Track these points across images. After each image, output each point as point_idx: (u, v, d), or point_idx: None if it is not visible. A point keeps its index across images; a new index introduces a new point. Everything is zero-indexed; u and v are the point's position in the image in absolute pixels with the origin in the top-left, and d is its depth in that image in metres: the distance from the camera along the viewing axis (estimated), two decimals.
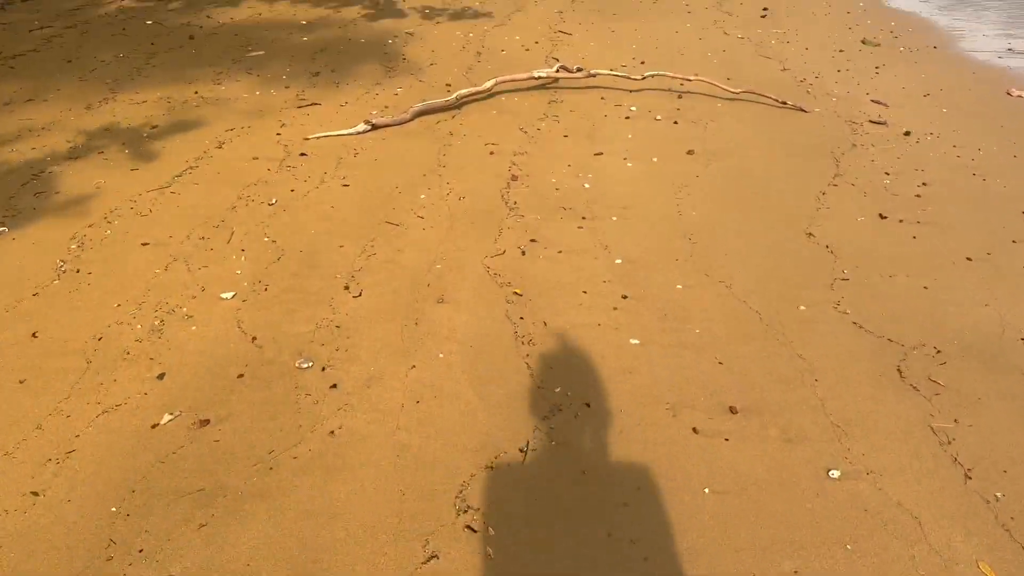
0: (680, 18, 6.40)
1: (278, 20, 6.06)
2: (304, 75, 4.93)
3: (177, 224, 3.16)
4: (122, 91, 4.54)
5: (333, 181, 3.56)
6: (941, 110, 4.35)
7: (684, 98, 4.64)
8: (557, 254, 3.00)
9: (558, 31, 6.04)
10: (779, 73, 5.02)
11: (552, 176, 3.67)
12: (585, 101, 4.63)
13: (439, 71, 5.11)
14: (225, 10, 6.24)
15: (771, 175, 3.64)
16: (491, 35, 5.94)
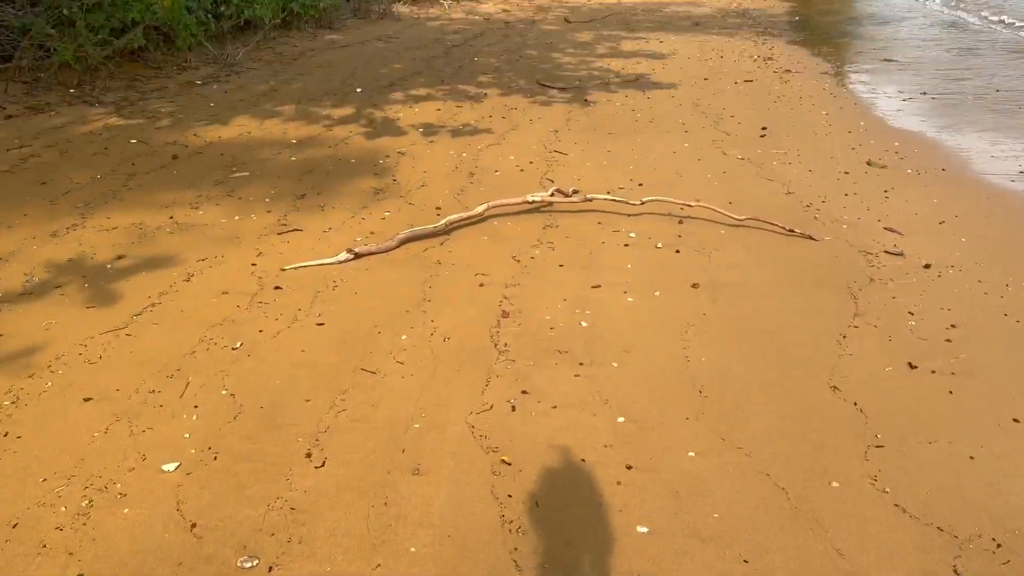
0: (677, 137, 6.29)
1: (268, 139, 5.94)
2: (288, 198, 4.72)
3: (127, 374, 2.84)
4: (93, 216, 4.31)
5: (307, 319, 3.26)
6: (959, 239, 4.11)
7: (685, 223, 4.42)
8: (551, 409, 2.67)
9: (553, 151, 5.91)
10: (783, 197, 4.82)
11: (546, 312, 3.38)
12: (581, 226, 4.40)
13: (429, 193, 4.91)
14: (214, 128, 6.12)
15: (785, 314, 3.35)
16: (485, 154, 5.79)
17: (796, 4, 16.05)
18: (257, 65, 8.74)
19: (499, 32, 12.29)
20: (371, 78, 8.42)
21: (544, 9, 15.47)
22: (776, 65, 9.36)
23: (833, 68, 9.29)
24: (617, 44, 11.22)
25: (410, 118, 6.82)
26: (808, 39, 11.69)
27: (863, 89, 8.08)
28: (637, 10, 15.29)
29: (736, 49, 10.60)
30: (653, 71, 9.17)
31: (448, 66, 9.35)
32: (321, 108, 6.96)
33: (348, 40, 10.82)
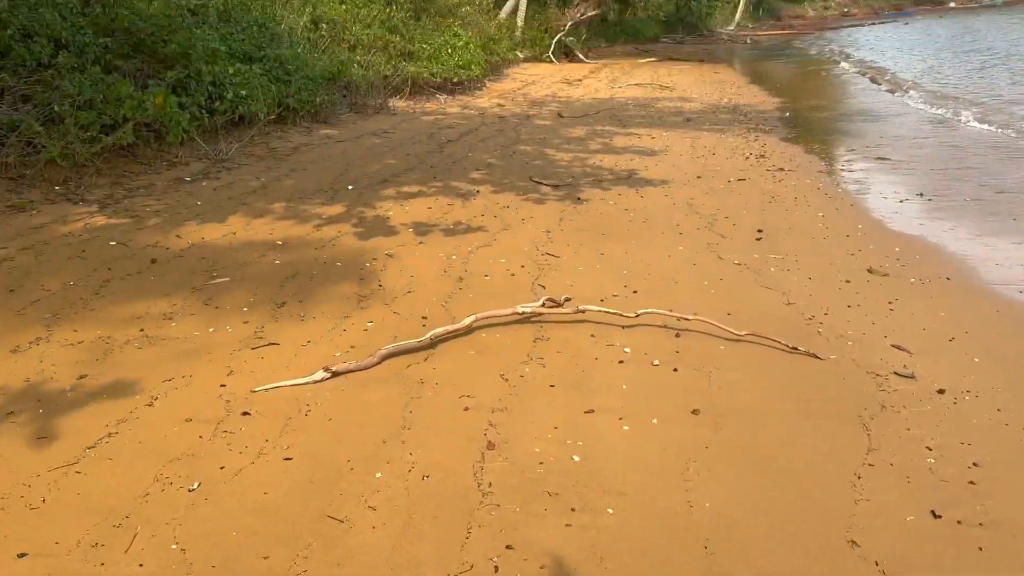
0: (672, 239, 6.16)
1: (253, 240, 5.78)
2: (267, 306, 4.51)
3: (71, 522, 2.55)
4: (59, 329, 4.09)
5: (274, 452, 3.00)
6: (972, 359, 3.90)
7: (683, 337, 4.21)
8: (539, 570, 2.39)
9: (545, 253, 5.76)
10: (783, 308, 4.64)
11: (535, 443, 3.12)
12: (574, 339, 4.19)
13: (416, 300, 4.71)
14: (198, 228, 5.98)
15: (793, 448, 3.10)
16: (476, 257, 5.64)
17: (785, 100, 16.37)
18: (250, 160, 8.70)
19: (494, 127, 12.41)
20: (364, 174, 8.37)
21: (538, 104, 15.73)
22: (769, 163, 9.37)
23: (826, 167, 9.30)
24: (610, 140, 11.30)
25: (401, 216, 6.71)
26: (799, 136, 11.81)
27: (858, 189, 8.04)
28: (629, 106, 15.55)
29: (728, 146, 10.66)
30: (646, 168, 9.17)
31: (442, 162, 9.34)
32: (311, 206, 6.86)
33: (343, 135, 10.88)
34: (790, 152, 10.19)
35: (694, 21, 44.42)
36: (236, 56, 10.41)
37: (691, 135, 11.69)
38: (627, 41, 36.90)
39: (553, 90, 18.52)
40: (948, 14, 65.67)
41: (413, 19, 17.51)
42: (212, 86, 9.43)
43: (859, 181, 8.45)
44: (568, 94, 17.77)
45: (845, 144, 11.14)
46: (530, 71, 22.99)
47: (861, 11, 76.85)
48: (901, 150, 10.35)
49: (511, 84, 19.68)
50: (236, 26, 10.96)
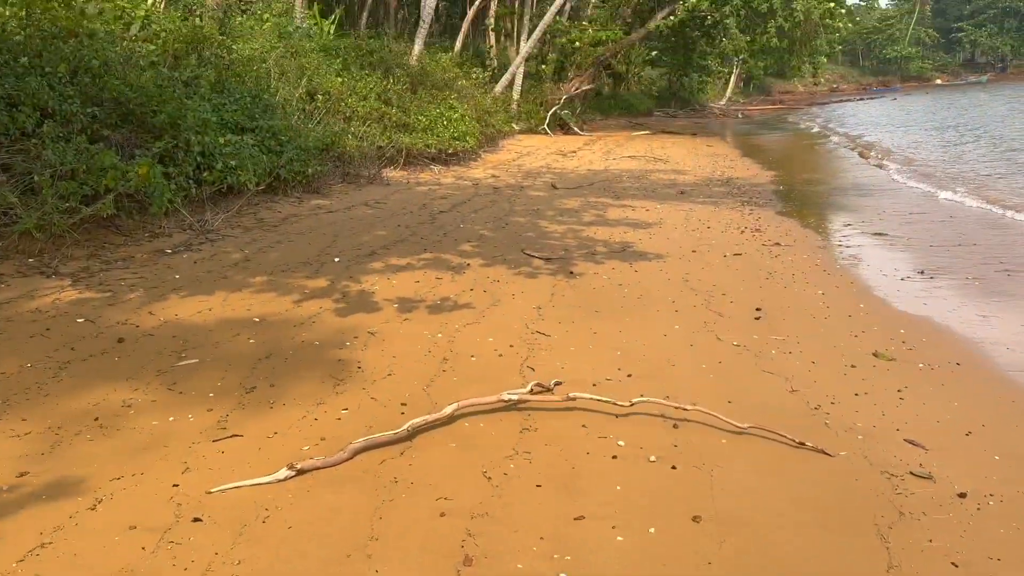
0: (668, 317, 5.92)
1: (229, 317, 5.52)
2: (236, 392, 4.22)
3: None
4: (7, 416, 3.78)
5: (223, 569, 2.67)
6: (992, 456, 3.61)
7: (682, 429, 3.92)
8: None
9: (536, 331, 5.50)
10: (787, 396, 4.36)
11: (518, 557, 2.80)
12: (564, 430, 3.90)
13: (396, 384, 4.43)
14: (173, 304, 5.72)
15: (807, 564, 2.78)
16: (463, 335, 5.37)
17: (779, 174, 16.42)
18: (236, 232, 8.52)
19: (487, 198, 12.32)
20: (352, 246, 8.18)
21: (532, 175, 15.73)
22: (765, 237, 9.22)
23: (823, 242, 9.16)
24: (603, 212, 11.19)
25: (387, 291, 6.47)
26: (794, 210, 11.73)
27: (857, 266, 7.86)
28: (623, 177, 15.56)
29: (723, 219, 10.54)
30: (640, 241, 9.00)
31: (433, 233, 9.17)
32: (294, 280, 6.62)
33: (334, 205, 10.75)
34: (786, 227, 10.06)
35: (686, 96, 45.36)
36: (228, 126, 10.36)
37: (685, 208, 11.60)
38: (621, 114, 37.55)
39: (547, 161, 18.60)
40: (934, 91, 67.43)
41: (409, 92, 17.69)
42: (201, 156, 9.32)
43: (857, 257, 8.28)
44: (562, 165, 17.84)
45: (840, 219, 11.04)
46: (525, 143, 23.19)
47: (850, 87, 78.92)
48: (897, 226, 10.23)
49: (506, 155, 19.80)
50: (229, 97, 10.95)
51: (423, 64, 20.09)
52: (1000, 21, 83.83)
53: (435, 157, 15.95)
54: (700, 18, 29.55)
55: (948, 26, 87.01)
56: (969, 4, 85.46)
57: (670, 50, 36.73)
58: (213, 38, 11.32)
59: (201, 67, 10.99)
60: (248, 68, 11.75)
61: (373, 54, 18.43)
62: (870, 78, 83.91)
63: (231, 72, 11.54)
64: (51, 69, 8.62)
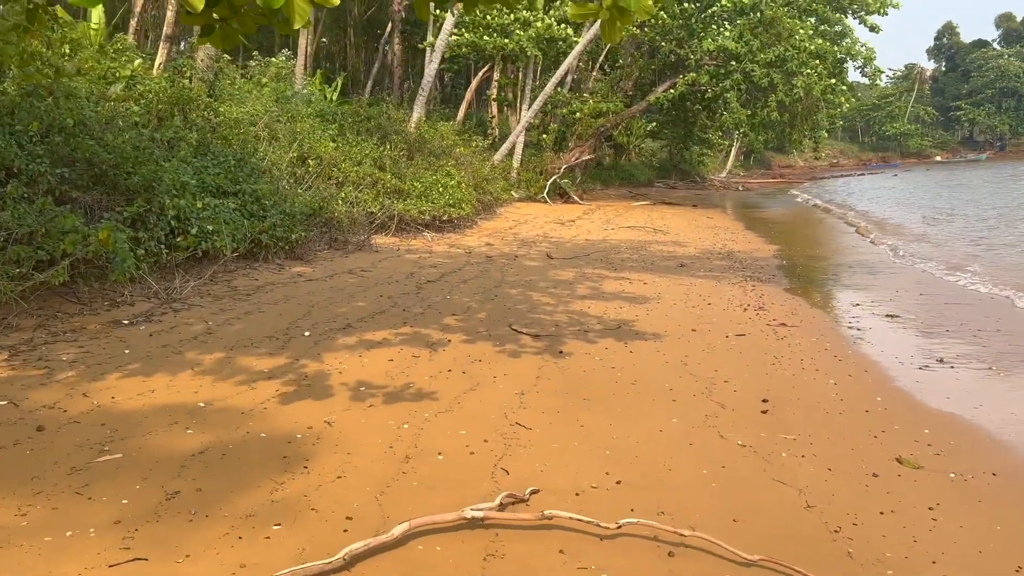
0: (664, 409, 5.32)
1: (169, 402, 4.92)
2: (154, 498, 3.60)
3: None
4: None
5: None
6: None
7: (678, 558, 3.28)
8: None
9: (515, 423, 4.90)
10: (802, 513, 3.73)
11: None
12: (537, 556, 3.27)
13: (345, 490, 3.81)
14: (112, 385, 5.14)
15: None
16: (432, 427, 4.77)
17: (781, 248, 15.99)
18: (205, 301, 7.98)
19: (479, 267, 11.84)
20: (327, 318, 7.63)
21: (528, 244, 15.31)
22: (769, 316, 8.67)
23: (832, 323, 8.60)
24: (599, 284, 10.68)
25: (354, 372, 5.88)
26: (799, 287, 11.22)
27: (870, 351, 7.28)
28: (621, 248, 15.12)
29: (724, 296, 10.02)
30: (636, 318, 8.45)
31: (416, 304, 8.64)
32: (253, 357, 6.04)
33: (316, 273, 10.25)
34: (791, 305, 9.52)
35: (687, 167, 45.55)
36: (208, 190, 9.96)
37: (685, 282, 11.09)
38: (622, 184, 37.55)
39: (545, 230, 18.23)
40: (935, 167, 68.00)
41: (406, 158, 17.45)
42: (176, 220, 8.88)
43: (869, 342, 7.70)
44: (560, 234, 17.45)
45: (848, 297, 10.50)
46: (523, 211, 22.91)
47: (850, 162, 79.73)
48: (908, 307, 9.69)
49: (503, 223, 19.45)
50: (213, 160, 10.58)
51: (421, 131, 19.95)
52: (998, 101, 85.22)
53: (429, 224, 15.56)
54: (700, 92, 29.73)
55: (947, 105, 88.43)
56: (967, 84, 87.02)
57: (671, 123, 36.94)
58: (200, 100, 11.02)
59: (186, 129, 10.67)
60: (234, 131, 11.42)
61: (371, 120, 18.28)
62: (870, 154, 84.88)
63: (217, 135, 11.22)
64: (22, 127, 8.26)
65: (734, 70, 27.07)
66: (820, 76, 26.48)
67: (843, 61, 28.92)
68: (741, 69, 26.96)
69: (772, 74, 26.42)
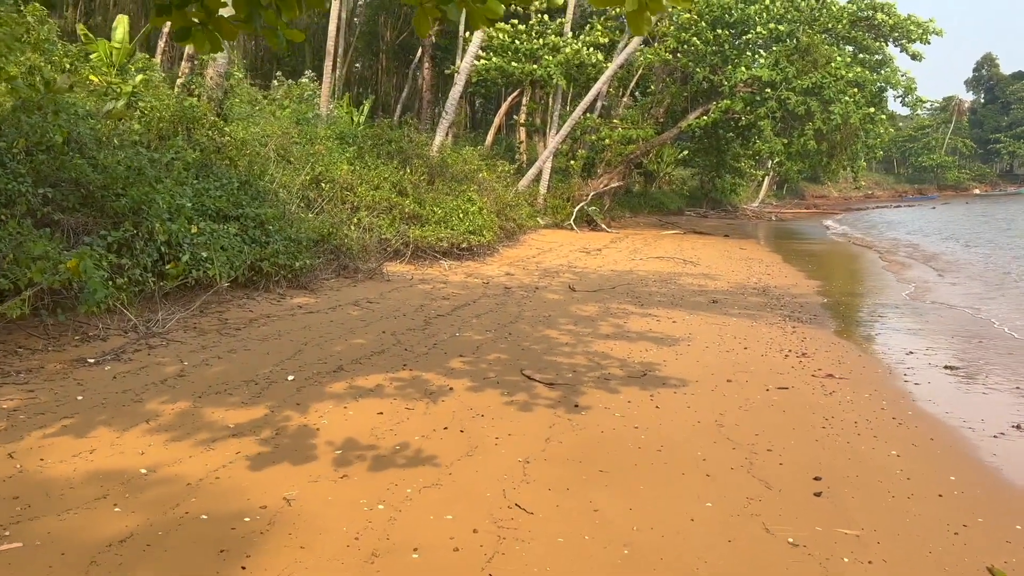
0: (697, 487, 4.45)
1: (108, 466, 4.17)
2: None
3: None
4: None
5: None
6: None
7: None
8: None
9: (514, 504, 4.07)
10: None
11: None
12: None
13: None
14: (48, 443, 4.40)
15: None
16: (412, 507, 3.96)
17: (821, 283, 15.00)
18: (188, 335, 7.28)
19: (495, 299, 11.06)
20: (318, 358, 6.88)
21: (550, 274, 14.51)
22: (814, 365, 7.75)
23: (885, 375, 7.65)
24: (624, 321, 9.83)
25: (335, 428, 5.10)
26: (844, 328, 10.26)
27: (933, 412, 6.33)
28: (649, 280, 14.25)
29: (762, 338, 9.11)
30: (664, 363, 7.59)
31: (421, 343, 7.87)
32: (222, 408, 5.29)
33: (319, 305, 9.53)
34: (837, 351, 8.58)
35: (718, 196, 44.57)
36: (207, 213, 9.33)
37: (718, 321, 10.19)
38: (651, 212, 36.73)
39: (569, 259, 17.43)
40: (974, 200, 66.15)
41: (426, 183, 16.82)
42: (167, 246, 8.24)
43: (930, 399, 6.74)
44: (585, 264, 16.63)
45: (899, 343, 9.51)
46: (549, 238, 22.16)
47: (885, 193, 78.00)
48: (967, 356, 8.69)
49: (526, 251, 18.70)
50: (215, 182, 9.97)
51: (444, 155, 19.33)
52: None
53: (447, 251, 14.85)
54: (734, 119, 28.89)
55: (985, 137, 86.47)
56: (1007, 116, 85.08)
57: (703, 151, 36.07)
58: (205, 118, 10.44)
59: (189, 148, 10.09)
60: (241, 151, 10.81)
61: (392, 143, 17.69)
62: (906, 186, 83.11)
63: (222, 155, 10.62)
64: (6, 143, 7.70)
65: (769, 97, 26.22)
66: (858, 104, 25.50)
67: (883, 90, 27.87)
68: (776, 96, 26.10)
69: (809, 102, 25.51)
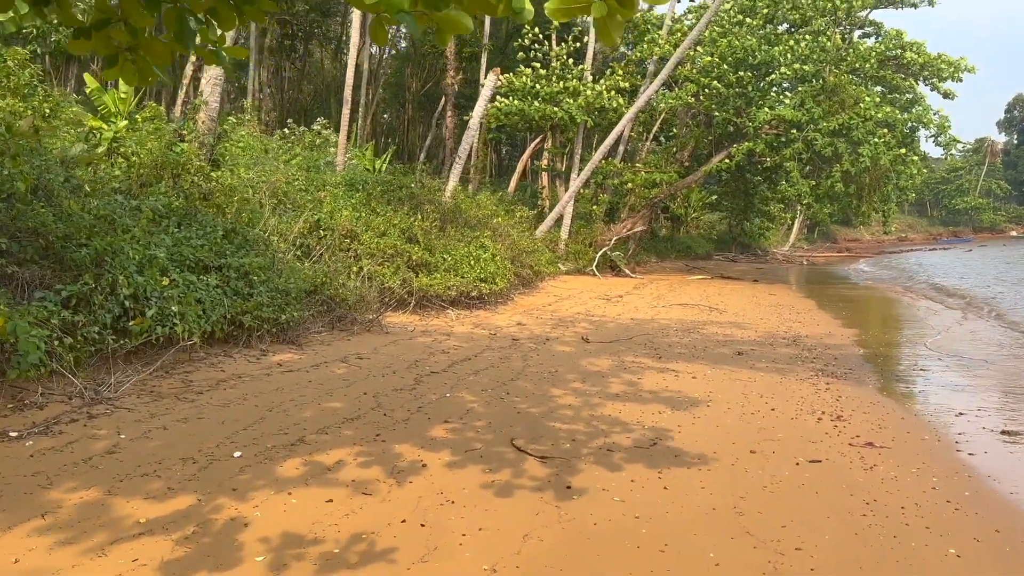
0: None
1: None
2: None
3: None
4: None
5: None
6: None
7: None
8: None
9: None
10: None
11: None
12: None
13: None
14: None
15: None
16: None
17: (856, 331, 13.94)
18: (140, 401, 6.53)
19: (500, 353, 10.22)
20: (279, 427, 6.07)
21: (564, 324, 13.65)
22: (850, 430, 6.77)
23: (933, 442, 6.63)
24: (638, 377, 8.92)
25: (272, 520, 4.26)
26: (883, 384, 9.24)
27: (995, 491, 5.32)
28: (670, 329, 13.33)
29: (792, 396, 8.13)
30: (678, 429, 6.67)
31: (405, 405, 7.04)
32: (140, 496, 4.47)
33: (302, 362, 8.77)
34: (877, 412, 7.58)
35: (747, 240, 43.54)
36: (185, 264, 8.68)
37: (743, 376, 9.24)
38: (678, 257, 35.86)
39: (588, 307, 16.58)
40: (1011, 242, 64.21)
41: (438, 229, 16.16)
42: (133, 300, 7.56)
43: (989, 475, 5.73)
44: (603, 312, 15.77)
45: (946, 402, 8.46)
46: (569, 284, 21.36)
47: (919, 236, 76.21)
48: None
49: (542, 298, 17.90)
50: (198, 230, 9.35)
51: (457, 200, 18.73)
52: None
53: (455, 300, 14.09)
54: (759, 162, 28.08)
55: (1019, 178, 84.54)
56: None
57: (730, 194, 35.24)
58: (190, 164, 9.88)
59: (173, 196, 9.51)
60: (228, 198, 10.21)
61: (403, 189, 17.11)
62: (939, 228, 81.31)
63: (209, 202, 10.02)
64: None
65: (795, 139, 25.40)
66: (888, 145, 24.55)
67: (914, 129, 26.88)
68: (802, 138, 25.27)
69: (836, 143, 24.64)
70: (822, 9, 28.10)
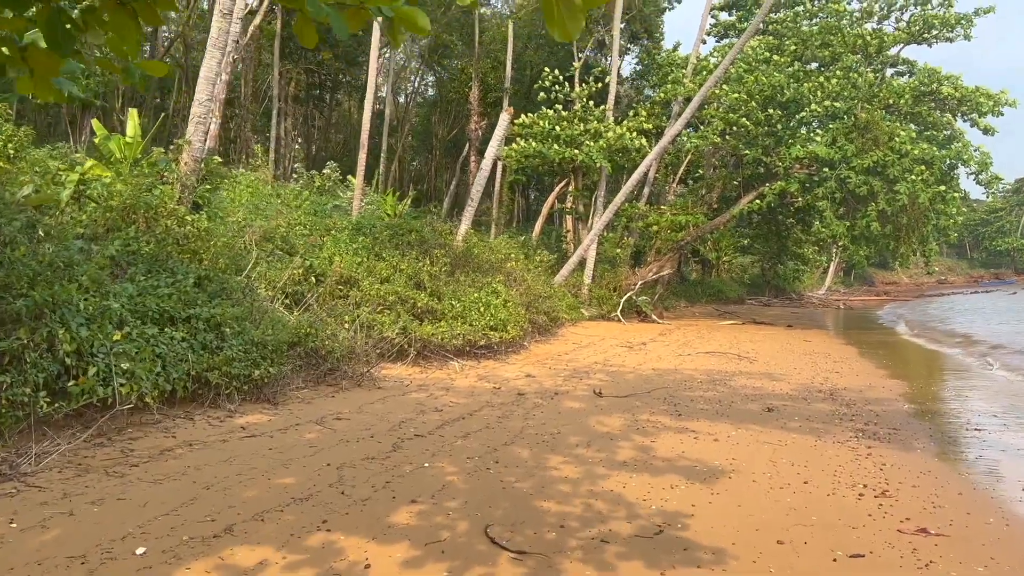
0: None
1: None
2: None
3: None
4: None
5: None
6: None
7: None
8: None
9: None
10: None
11: None
12: None
13: None
14: None
15: None
16: None
17: (900, 383, 12.67)
18: (58, 477, 5.64)
19: (500, 410, 9.22)
20: (209, 512, 5.11)
21: (578, 375, 12.60)
22: (898, 511, 5.63)
23: (1001, 526, 5.44)
24: (652, 441, 7.85)
25: None
26: (936, 450, 8.02)
27: None
28: (694, 381, 12.21)
29: (828, 465, 7.00)
30: (692, 510, 5.59)
31: (370, 480, 6.06)
32: None
33: (272, 424, 7.84)
34: (929, 485, 6.41)
35: (781, 284, 42.16)
36: (149, 316, 7.88)
37: (772, 438, 8.11)
38: (709, 301, 34.65)
39: (607, 356, 15.52)
40: None
41: (447, 274, 15.31)
42: (77, 357, 6.75)
43: None
44: (623, 362, 14.70)
45: (1010, 472, 7.22)
46: (590, 331, 20.33)
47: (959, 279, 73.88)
48: None
49: (559, 346, 16.88)
50: (167, 277, 8.58)
51: (468, 244, 17.91)
52: None
53: (461, 350, 13.14)
54: (791, 202, 26.99)
55: None
56: None
57: (762, 236, 34.08)
58: (162, 207, 9.17)
59: (140, 240, 8.78)
60: (204, 243, 9.45)
61: (411, 232, 16.35)
62: (980, 270, 78.96)
63: (184, 248, 9.27)
64: None
65: (828, 177, 24.31)
66: (926, 183, 23.32)
67: (953, 167, 25.59)
68: (835, 176, 24.18)
69: (871, 181, 23.49)
70: (852, 45, 27.25)
